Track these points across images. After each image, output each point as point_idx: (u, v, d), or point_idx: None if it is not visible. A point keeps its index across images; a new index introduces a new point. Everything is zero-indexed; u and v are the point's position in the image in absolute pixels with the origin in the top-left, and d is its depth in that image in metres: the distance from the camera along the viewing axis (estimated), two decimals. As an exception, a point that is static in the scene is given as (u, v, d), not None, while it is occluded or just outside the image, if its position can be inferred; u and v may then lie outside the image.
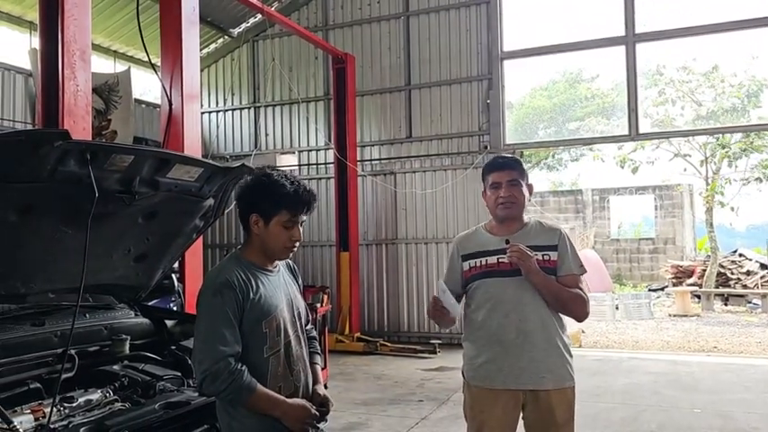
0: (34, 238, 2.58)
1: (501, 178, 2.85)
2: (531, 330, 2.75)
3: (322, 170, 11.12)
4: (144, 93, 11.30)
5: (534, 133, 15.49)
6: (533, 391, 2.75)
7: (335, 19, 11.10)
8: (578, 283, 2.84)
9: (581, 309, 2.84)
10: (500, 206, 2.85)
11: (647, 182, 19.81)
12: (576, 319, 2.95)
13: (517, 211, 2.88)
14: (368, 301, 10.54)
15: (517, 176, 2.86)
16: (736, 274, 15.35)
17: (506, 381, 2.76)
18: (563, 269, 2.83)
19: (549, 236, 2.88)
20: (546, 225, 2.97)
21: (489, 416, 2.79)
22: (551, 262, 2.82)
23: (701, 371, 8.01)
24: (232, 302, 2.24)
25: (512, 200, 2.84)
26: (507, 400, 2.77)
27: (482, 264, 2.85)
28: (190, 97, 5.94)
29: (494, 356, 2.78)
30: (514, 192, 2.84)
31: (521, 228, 2.90)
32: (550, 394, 2.76)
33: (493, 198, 2.87)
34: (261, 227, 2.34)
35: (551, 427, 2.77)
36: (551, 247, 2.84)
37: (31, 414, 2.38)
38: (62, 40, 4.58)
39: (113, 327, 3.23)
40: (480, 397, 2.83)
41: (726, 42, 11.21)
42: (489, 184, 2.90)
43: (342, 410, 6.19)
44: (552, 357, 2.78)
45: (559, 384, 2.78)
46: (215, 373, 2.17)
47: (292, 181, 2.36)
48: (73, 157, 2.29)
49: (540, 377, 2.74)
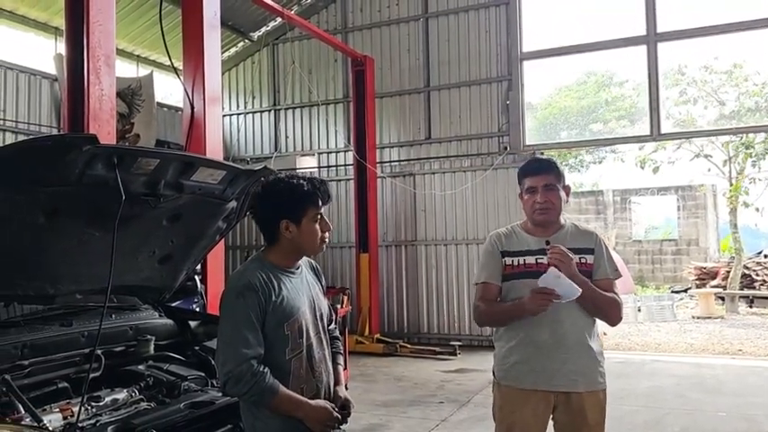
0: (62, 241, 2.63)
1: (537, 183, 2.82)
2: (565, 333, 2.74)
3: (342, 172, 11.16)
4: (166, 96, 11.43)
5: (556, 134, 15.35)
6: (565, 393, 2.74)
7: (354, 21, 11.14)
8: (613, 288, 2.83)
9: (616, 313, 2.83)
10: (537, 211, 2.83)
11: (670, 182, 19.55)
12: (610, 324, 2.92)
13: (554, 216, 2.86)
14: (387, 303, 10.55)
15: (553, 180, 2.83)
16: (762, 275, 15.07)
17: (538, 381, 2.74)
18: (599, 273, 2.81)
19: (586, 239, 2.87)
20: (581, 228, 2.96)
21: (519, 416, 2.78)
22: (588, 265, 2.80)
23: (726, 374, 7.89)
24: (254, 305, 2.26)
25: (548, 205, 2.81)
26: (538, 401, 2.76)
27: (520, 263, 2.82)
28: (211, 100, 6.00)
29: (526, 357, 2.76)
30: (551, 197, 2.82)
31: (557, 230, 2.88)
32: (582, 396, 2.75)
33: (530, 203, 2.85)
34: (293, 230, 2.36)
35: (583, 429, 2.76)
36: (588, 250, 2.83)
37: (59, 413, 2.44)
38: (87, 45, 4.66)
39: (138, 327, 3.29)
40: (511, 397, 2.81)
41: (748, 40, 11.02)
42: (525, 188, 2.87)
43: (362, 412, 6.20)
44: (585, 360, 2.77)
45: (592, 387, 2.77)
46: (238, 376, 2.19)
47: (301, 178, 2.41)
48: (100, 161, 2.33)
49: (572, 379, 2.73)
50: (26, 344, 2.73)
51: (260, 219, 2.44)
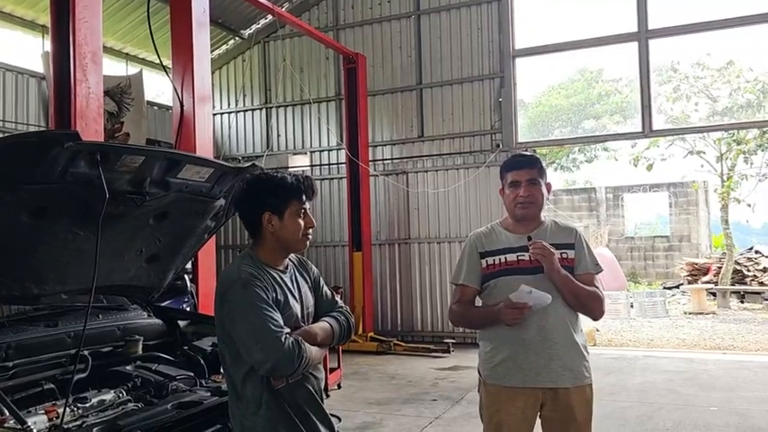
0: (46, 240, 2.60)
1: (520, 177, 2.83)
2: (552, 328, 2.73)
3: (334, 170, 11.12)
4: (157, 95, 11.37)
5: (549, 132, 15.38)
6: (553, 389, 2.73)
7: (346, 19, 11.10)
8: (594, 282, 2.84)
9: (598, 307, 2.83)
10: (519, 205, 2.83)
11: (662, 179, 19.63)
12: (593, 318, 2.93)
13: (536, 211, 2.86)
14: (381, 301, 10.53)
15: (536, 175, 2.84)
16: (753, 271, 15.16)
17: (525, 379, 2.74)
18: (580, 268, 2.82)
19: (566, 234, 2.88)
20: (561, 224, 2.96)
21: (507, 414, 2.76)
22: (569, 260, 2.81)
23: (717, 369, 7.91)
24: (264, 291, 2.25)
25: (531, 199, 2.81)
26: (526, 399, 2.75)
27: (501, 261, 2.82)
28: (201, 99, 5.96)
29: (513, 354, 2.76)
30: (534, 191, 2.82)
31: (538, 226, 2.88)
32: (570, 392, 2.74)
33: (512, 197, 2.85)
34: (276, 223, 2.35)
35: (571, 425, 2.75)
36: (569, 245, 2.84)
37: (44, 414, 2.40)
38: (73, 42, 4.61)
39: (126, 327, 3.26)
40: (498, 395, 2.80)
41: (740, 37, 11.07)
42: (508, 183, 2.87)
43: (356, 410, 6.19)
44: (571, 355, 2.76)
45: (578, 382, 2.76)
46: (289, 355, 2.17)
47: (286, 173, 2.42)
48: (83, 159, 2.30)
49: (559, 375, 2.73)
50: (11, 345, 2.70)
51: (243, 212, 2.43)
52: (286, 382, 2.28)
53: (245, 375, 2.27)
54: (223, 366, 2.39)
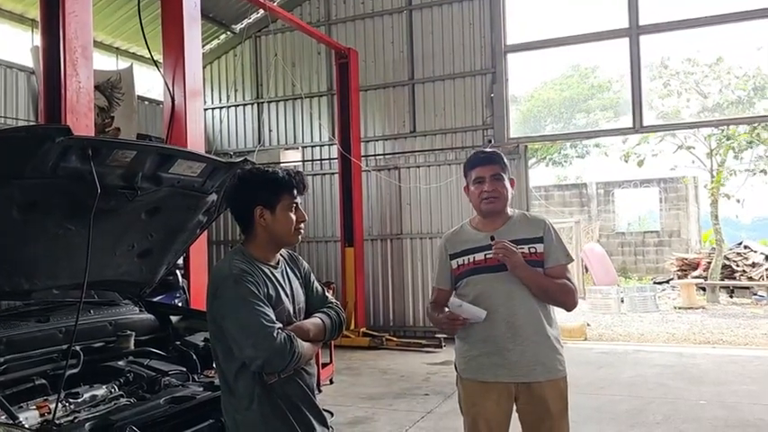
0: (38, 235, 2.59)
1: (484, 173, 2.86)
2: (521, 324, 2.77)
3: (326, 166, 11.10)
4: (148, 90, 11.29)
5: (541, 128, 15.40)
6: (526, 383, 2.77)
7: (338, 14, 11.07)
8: (566, 273, 2.87)
9: (570, 299, 2.86)
10: (484, 201, 2.86)
11: (652, 175, 19.71)
12: (566, 309, 2.96)
13: (501, 205, 2.88)
14: (373, 296, 10.54)
15: (500, 170, 2.87)
16: (742, 266, 15.28)
17: (498, 374, 2.78)
18: (550, 260, 2.84)
19: (535, 228, 2.89)
20: (530, 217, 2.99)
21: (482, 408, 2.81)
22: (538, 254, 2.83)
23: (707, 363, 7.98)
24: (255, 286, 2.25)
25: (495, 194, 2.84)
26: (500, 393, 2.79)
27: (469, 261, 2.87)
28: (192, 93, 5.94)
29: (486, 351, 2.80)
30: (498, 186, 2.85)
31: (506, 221, 2.91)
32: (543, 386, 2.77)
33: (477, 193, 2.88)
34: (267, 217, 2.35)
35: (546, 419, 2.79)
36: (537, 239, 2.85)
37: (36, 410, 2.39)
38: (63, 36, 4.58)
39: (118, 323, 3.25)
40: (473, 390, 2.85)
41: (731, 34, 11.12)
42: (472, 180, 2.90)
43: (348, 405, 6.21)
44: (543, 349, 2.79)
45: (551, 375, 2.79)
46: (280, 350, 2.17)
47: (278, 168, 2.43)
48: (74, 153, 2.29)
49: (531, 369, 2.76)
50: (1, 340, 2.69)
51: (235, 207, 2.44)
52: (278, 377, 2.29)
53: (238, 371, 2.28)
54: (215, 362, 2.39)
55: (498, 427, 2.80)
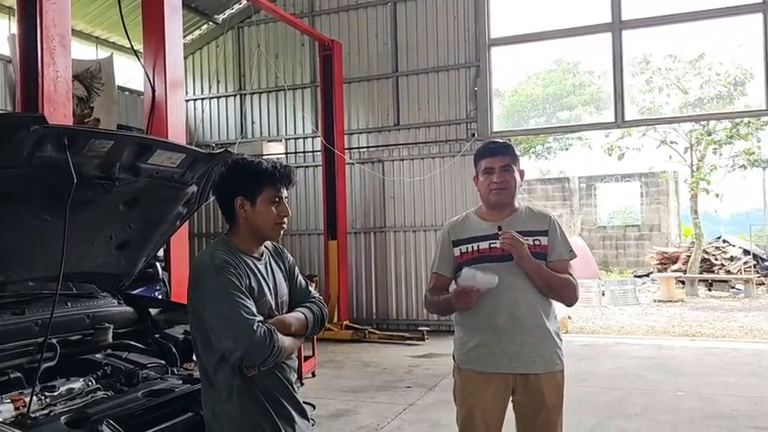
0: (13, 226, 2.54)
1: (494, 164, 2.85)
2: (523, 315, 2.77)
3: (309, 158, 11.06)
4: (128, 80, 11.14)
5: (525, 121, 15.48)
6: (524, 374, 2.77)
7: (322, 5, 11.00)
8: (568, 268, 2.87)
9: (571, 294, 2.86)
10: (493, 191, 2.85)
11: (633, 169, 19.92)
12: (566, 305, 2.97)
13: (509, 197, 2.88)
14: (356, 290, 10.54)
15: (510, 162, 2.86)
16: (720, 260, 15.52)
17: (497, 365, 2.77)
18: (553, 254, 2.84)
19: (540, 221, 2.89)
20: (536, 210, 2.99)
21: (479, 399, 2.81)
22: (542, 247, 2.83)
23: (685, 355, 8.10)
24: (237, 277, 2.23)
25: (504, 185, 2.83)
26: (498, 384, 2.79)
27: (474, 249, 2.85)
28: (173, 84, 5.87)
29: (485, 341, 2.79)
30: (507, 177, 2.84)
31: (511, 213, 2.90)
32: (540, 378, 2.78)
33: (486, 183, 2.87)
34: (248, 209, 2.33)
35: (541, 411, 2.79)
36: (542, 232, 2.85)
37: (11, 403, 2.35)
38: (41, 24, 4.49)
39: (96, 315, 3.19)
40: (470, 380, 2.84)
41: (712, 30, 11.26)
42: (482, 170, 2.89)
43: (330, 398, 6.20)
44: (543, 341, 2.80)
45: (549, 368, 2.80)
46: (259, 343, 2.15)
47: (266, 161, 2.40)
48: (50, 143, 2.25)
49: (530, 361, 2.76)
50: (-25, 333, 2.63)
51: (218, 196, 2.42)
52: (258, 370, 2.27)
53: (217, 363, 2.26)
54: (195, 353, 2.37)
55: (493, 419, 2.80)
